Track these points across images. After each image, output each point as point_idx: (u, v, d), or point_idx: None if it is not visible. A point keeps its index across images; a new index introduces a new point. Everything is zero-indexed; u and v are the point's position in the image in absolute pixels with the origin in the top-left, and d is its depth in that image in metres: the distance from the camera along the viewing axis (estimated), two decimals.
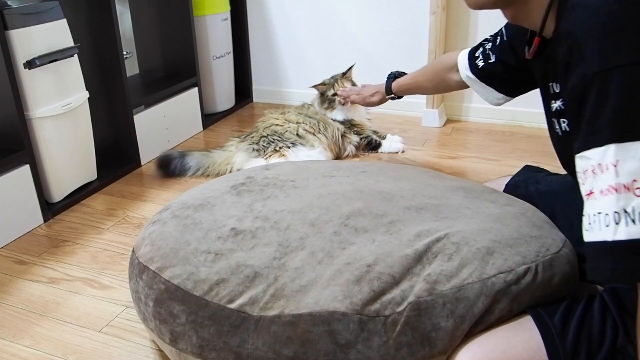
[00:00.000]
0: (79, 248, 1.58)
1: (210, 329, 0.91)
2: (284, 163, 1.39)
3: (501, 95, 1.30)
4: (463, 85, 1.39)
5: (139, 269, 1.05)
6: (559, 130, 0.88)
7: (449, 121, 2.51)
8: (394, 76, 1.65)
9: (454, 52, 1.40)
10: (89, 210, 1.79)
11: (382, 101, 1.76)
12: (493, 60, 1.23)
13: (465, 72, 1.35)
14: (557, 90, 0.86)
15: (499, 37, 1.20)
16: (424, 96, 2.44)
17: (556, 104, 0.87)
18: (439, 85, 1.50)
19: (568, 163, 0.88)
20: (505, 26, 1.17)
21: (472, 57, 1.32)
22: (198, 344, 0.92)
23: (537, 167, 1.31)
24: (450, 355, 0.84)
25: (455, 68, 1.39)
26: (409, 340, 0.83)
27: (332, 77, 2.19)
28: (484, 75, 1.29)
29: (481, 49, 1.28)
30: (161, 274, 1.00)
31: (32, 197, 1.68)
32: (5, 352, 1.18)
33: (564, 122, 0.86)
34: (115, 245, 1.58)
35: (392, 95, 1.69)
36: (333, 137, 2.10)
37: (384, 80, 1.72)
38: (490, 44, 1.24)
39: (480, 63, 1.28)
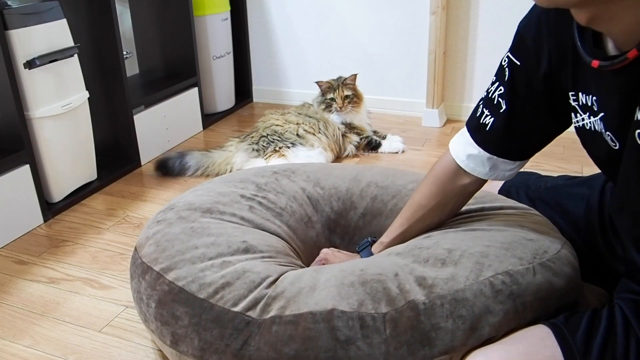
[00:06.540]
0: (79, 248, 1.58)
1: (213, 332, 0.91)
2: (294, 172, 1.37)
3: (513, 163, 0.98)
4: (477, 185, 1.03)
5: (142, 269, 1.05)
6: (615, 145, 0.77)
7: (449, 121, 2.51)
8: (370, 243, 1.15)
9: (442, 157, 1.04)
10: (89, 210, 1.79)
11: None
12: (505, 107, 0.91)
13: (468, 150, 0.98)
14: None
15: (507, 70, 0.90)
16: (424, 96, 2.45)
17: None
18: (449, 205, 1.06)
19: (622, 177, 0.76)
20: (512, 51, 0.90)
21: (473, 128, 0.98)
22: (200, 347, 0.92)
23: (528, 171, 1.31)
24: (464, 357, 0.84)
25: (458, 169, 1.01)
26: (409, 339, 0.84)
27: (338, 79, 2.19)
28: (496, 140, 0.95)
29: (483, 106, 0.96)
30: (165, 275, 1.00)
31: (32, 197, 1.68)
32: (5, 352, 1.18)
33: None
34: (115, 245, 1.58)
35: None
36: (334, 135, 2.10)
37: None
38: (497, 88, 0.93)
39: (489, 121, 0.94)
